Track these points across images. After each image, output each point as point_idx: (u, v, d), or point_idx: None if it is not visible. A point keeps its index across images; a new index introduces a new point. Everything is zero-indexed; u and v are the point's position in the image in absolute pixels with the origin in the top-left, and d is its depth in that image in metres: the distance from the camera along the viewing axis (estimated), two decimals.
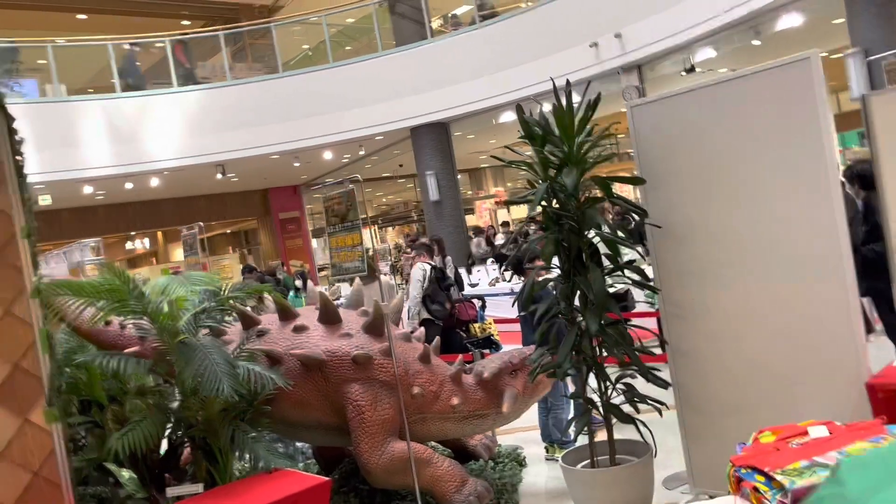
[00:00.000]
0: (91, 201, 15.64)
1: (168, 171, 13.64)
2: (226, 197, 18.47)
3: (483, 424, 4.45)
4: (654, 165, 3.83)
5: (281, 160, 14.65)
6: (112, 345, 4.16)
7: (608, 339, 3.70)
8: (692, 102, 3.69)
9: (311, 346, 4.22)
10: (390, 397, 4.14)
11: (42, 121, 12.18)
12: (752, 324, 3.57)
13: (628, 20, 10.50)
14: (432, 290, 6.95)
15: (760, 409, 3.55)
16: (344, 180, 4.24)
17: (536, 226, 4.11)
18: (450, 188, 13.59)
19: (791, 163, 3.38)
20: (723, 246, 3.63)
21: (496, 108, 12.53)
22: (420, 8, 13.41)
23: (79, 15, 16.92)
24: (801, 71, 3.31)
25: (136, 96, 13.40)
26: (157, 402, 3.84)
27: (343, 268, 4.18)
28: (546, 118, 3.80)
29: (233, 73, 14.22)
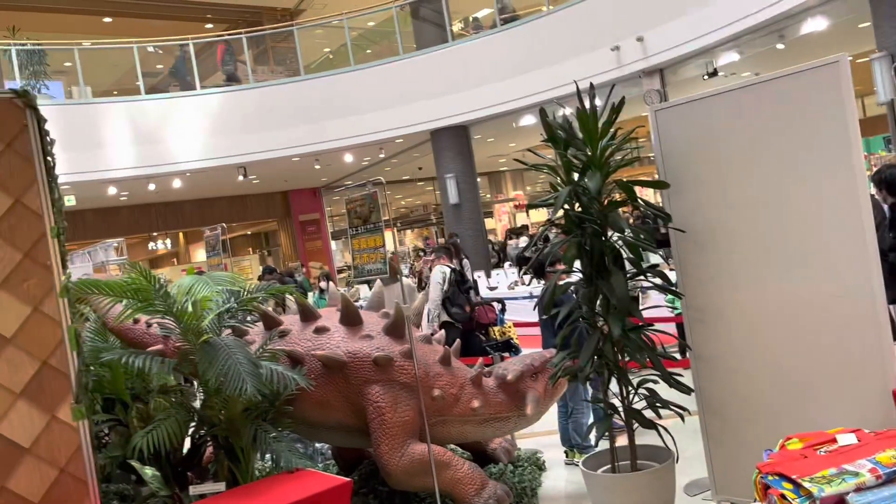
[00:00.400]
0: (115, 202, 15.84)
1: (190, 172, 13.78)
2: (247, 199, 18.63)
3: (503, 428, 4.44)
4: (677, 169, 3.81)
5: (301, 162, 14.75)
6: (139, 342, 4.21)
7: (630, 343, 3.68)
8: (716, 106, 3.66)
9: (332, 347, 4.24)
10: (411, 399, 4.15)
11: (68, 122, 12.35)
12: (776, 329, 3.53)
13: (651, 24, 10.46)
14: (452, 292, 6.95)
15: (784, 416, 3.52)
16: (367, 182, 4.26)
17: (557, 229, 4.10)
18: (469, 191, 13.60)
19: (817, 167, 3.35)
20: (747, 251, 3.60)
21: (516, 111, 12.52)
22: (441, 11, 13.45)
23: (105, 18, 17.16)
24: (830, 75, 3.28)
25: (160, 98, 13.57)
26: (181, 401, 3.88)
27: (365, 269, 4.19)
28: (569, 121, 3.80)
29: (255, 75, 14.34)
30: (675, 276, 3.95)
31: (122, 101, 13.21)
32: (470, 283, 7.38)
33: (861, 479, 1.98)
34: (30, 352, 3.05)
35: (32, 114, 3.12)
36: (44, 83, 12.76)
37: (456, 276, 7.09)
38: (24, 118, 3.10)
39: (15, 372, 3.02)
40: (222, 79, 14.72)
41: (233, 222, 19.12)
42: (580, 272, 3.83)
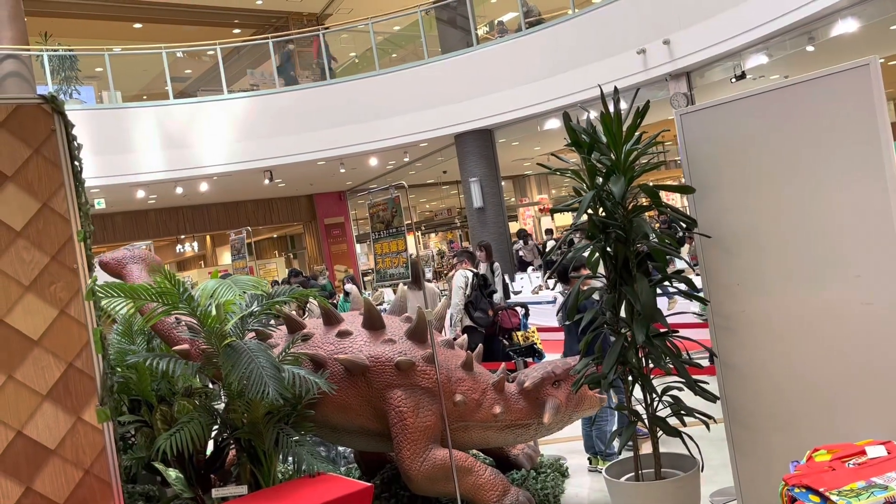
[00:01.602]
0: (143, 205, 16.06)
1: (217, 176, 13.93)
2: (273, 202, 18.79)
3: (525, 434, 4.41)
4: (703, 174, 3.76)
5: (327, 166, 14.84)
6: (166, 336, 4.27)
7: (654, 350, 3.64)
8: (744, 110, 3.61)
9: (354, 351, 4.25)
10: (432, 404, 4.14)
11: (98, 126, 12.57)
12: (804, 337, 3.47)
13: (677, 26, 10.36)
14: (475, 297, 6.92)
15: (811, 426, 3.45)
16: (389, 186, 4.26)
17: (581, 234, 4.06)
18: (493, 195, 13.57)
19: (847, 172, 3.28)
20: (774, 257, 3.54)
21: (541, 115, 12.47)
22: (466, 15, 13.46)
23: (135, 24, 17.43)
24: (860, 77, 3.21)
25: (188, 103, 13.74)
26: (204, 404, 3.90)
27: (387, 274, 4.19)
28: (593, 125, 3.77)
29: (281, 80, 14.46)
30: (700, 282, 3.89)
31: (151, 105, 13.39)
32: (494, 287, 7.35)
33: (891, 492, 1.92)
34: (56, 354, 3.09)
35: (60, 119, 3.17)
36: (75, 88, 12.99)
37: (479, 281, 7.07)
38: (52, 123, 3.15)
39: (41, 374, 3.06)
40: (310, 77, 14.76)
41: (259, 225, 19.30)
42: (604, 277, 3.79)
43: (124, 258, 4.49)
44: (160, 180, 13.35)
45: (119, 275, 4.45)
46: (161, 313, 3.65)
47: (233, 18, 18.41)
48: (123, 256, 4.50)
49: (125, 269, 4.43)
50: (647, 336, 3.56)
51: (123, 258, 4.49)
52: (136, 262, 4.47)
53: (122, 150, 12.72)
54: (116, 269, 4.46)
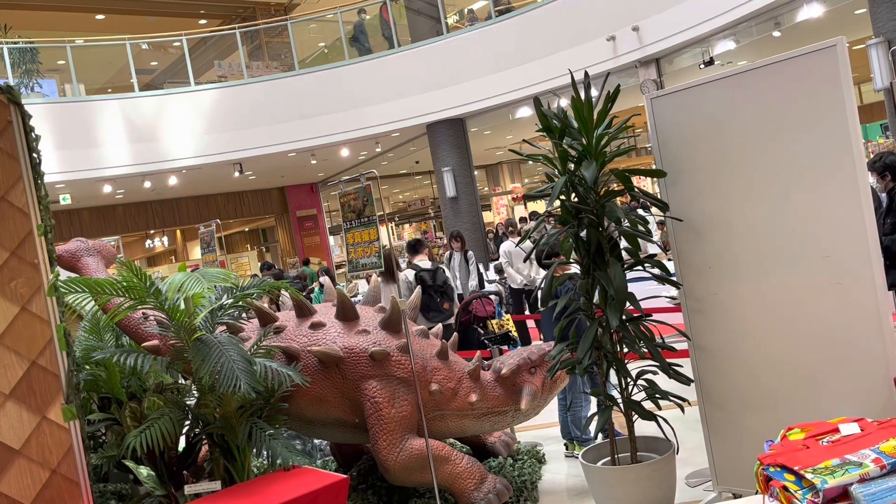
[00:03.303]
0: (111, 200, 15.78)
1: (186, 169, 13.72)
2: (243, 195, 18.57)
3: (502, 421, 4.41)
4: (674, 158, 3.76)
5: (298, 158, 14.69)
6: (133, 333, 4.17)
7: (628, 334, 3.64)
8: (713, 93, 3.61)
9: (328, 342, 4.20)
10: (408, 394, 4.11)
11: (61, 120, 12.29)
12: (776, 319, 3.49)
13: (646, 13, 10.39)
14: (421, 301, 6.44)
15: (784, 406, 3.48)
16: (360, 176, 4.21)
17: (554, 220, 4.05)
18: (466, 184, 13.54)
19: (816, 154, 3.30)
20: (745, 240, 3.56)
21: (512, 103, 12.45)
22: (435, 4, 13.37)
23: (97, 15, 17.06)
24: (827, 59, 3.23)
25: (154, 95, 13.49)
26: (175, 400, 3.83)
27: (359, 263, 4.15)
28: (564, 112, 3.75)
29: (249, 71, 14.26)
30: (672, 266, 3.90)
31: (116, 98, 13.13)
32: (444, 277, 7.00)
33: (865, 469, 1.94)
34: (18, 352, 3.01)
35: (17, 110, 3.07)
36: (37, 81, 12.69)
37: (422, 280, 6.69)
38: (8, 114, 3.04)
39: (3, 373, 2.98)
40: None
41: (230, 219, 19.08)
42: (577, 263, 3.79)
43: (78, 250, 4.35)
44: (127, 174, 13.12)
45: (74, 268, 4.32)
46: (127, 309, 3.56)
47: (199, 9, 18.09)
48: (77, 248, 4.37)
49: (80, 261, 4.31)
50: (621, 321, 3.57)
51: (77, 250, 4.36)
52: (91, 255, 4.35)
53: (87, 144, 12.46)
54: (70, 263, 4.33)
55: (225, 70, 14.66)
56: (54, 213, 14.62)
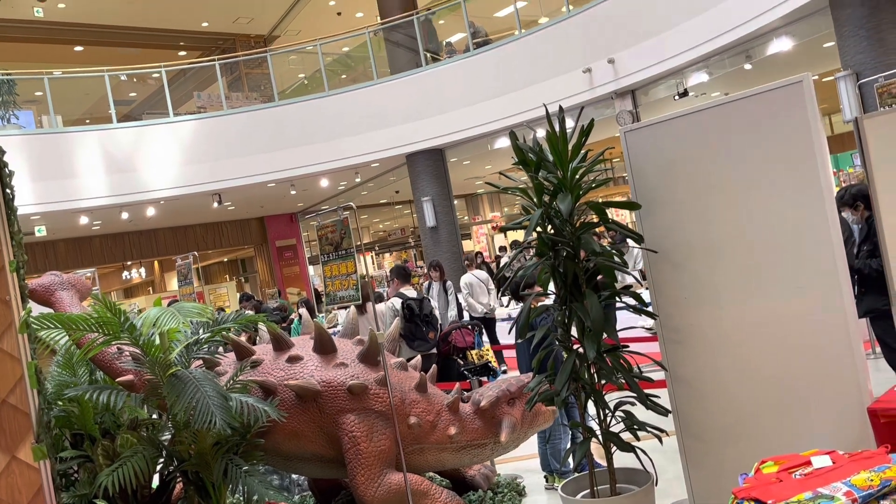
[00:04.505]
0: (87, 231, 15.62)
1: (164, 200, 13.64)
2: (222, 225, 18.47)
3: (481, 454, 4.38)
4: (649, 190, 3.82)
5: (277, 188, 14.67)
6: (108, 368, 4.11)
7: (606, 365, 3.65)
8: (685, 127, 3.68)
9: (305, 376, 4.16)
10: (386, 428, 4.08)
11: (38, 152, 12.20)
12: (752, 349, 3.53)
13: (621, 46, 10.59)
14: (407, 329, 6.51)
15: (762, 436, 3.50)
16: (338, 208, 4.22)
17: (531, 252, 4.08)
18: (446, 213, 13.59)
19: (786, 186, 3.37)
20: (720, 270, 3.60)
21: (491, 133, 12.57)
22: (414, 36, 13.52)
23: (76, 47, 17.05)
24: (794, 94, 3.32)
25: (132, 126, 13.45)
26: (149, 437, 3.77)
27: (337, 296, 4.14)
28: (540, 144, 3.80)
29: (229, 102, 14.29)
30: (648, 297, 3.94)
31: (94, 129, 13.06)
32: (430, 307, 7.06)
33: (837, 502, 1.95)
34: None
35: None
36: (13, 113, 12.57)
37: (409, 309, 6.70)
38: None
39: None
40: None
41: (208, 249, 18.95)
42: (555, 294, 3.80)
43: (52, 284, 4.30)
44: (104, 206, 13.00)
45: (47, 302, 4.26)
46: (101, 344, 3.52)
47: (178, 41, 18.17)
48: (51, 283, 4.31)
49: (54, 296, 4.25)
50: (599, 352, 3.58)
51: (51, 284, 4.30)
52: (65, 289, 4.29)
53: (64, 175, 12.36)
54: (44, 297, 4.27)
55: (204, 101, 14.68)
56: (29, 244, 14.47)
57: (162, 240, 17.51)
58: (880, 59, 8.06)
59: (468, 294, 9.67)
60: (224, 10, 17.08)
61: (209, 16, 17.27)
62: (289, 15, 18.11)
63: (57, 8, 15.09)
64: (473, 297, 9.63)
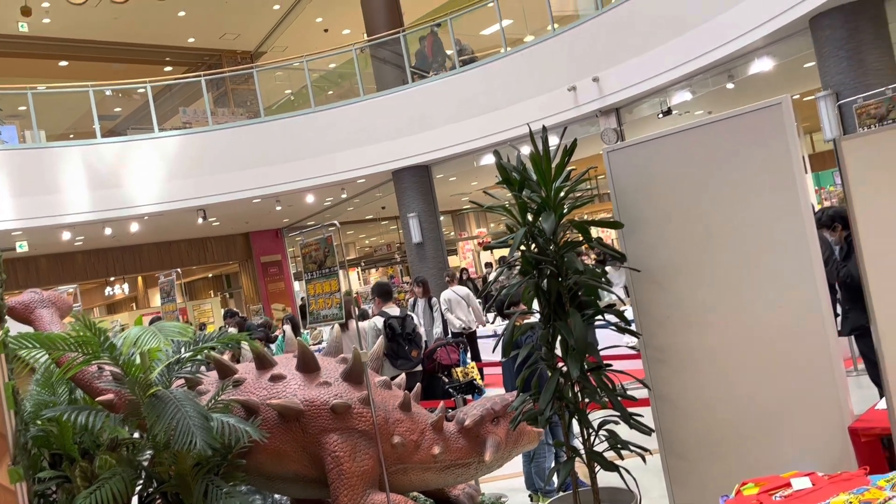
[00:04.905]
0: (69, 247, 15.49)
1: (149, 216, 13.56)
2: (207, 241, 18.38)
3: (465, 474, 4.35)
4: (632, 209, 3.84)
5: (262, 204, 14.63)
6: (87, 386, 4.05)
7: (589, 384, 3.65)
8: (667, 147, 3.72)
9: (288, 395, 4.13)
10: (370, 447, 4.04)
11: (21, 167, 12.12)
12: (734, 368, 3.54)
13: (605, 64, 10.69)
14: (390, 348, 6.48)
15: (745, 454, 3.51)
16: (322, 225, 4.21)
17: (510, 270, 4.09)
18: (432, 230, 13.61)
19: (766, 206, 3.40)
20: (702, 289, 3.62)
21: (477, 150, 12.63)
22: (400, 53, 13.59)
23: (60, 62, 16.99)
24: (774, 115, 3.36)
25: (117, 142, 13.39)
26: (128, 458, 3.72)
27: (320, 315, 4.12)
28: (524, 163, 3.82)
29: (214, 117, 14.27)
30: (632, 315, 3.95)
31: (77, 144, 12.98)
32: (413, 324, 7.00)
33: None
34: None
35: None
36: None
37: (390, 328, 6.63)
38: None
39: None
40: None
41: (193, 265, 18.84)
42: (538, 313, 3.81)
43: (32, 302, 4.24)
44: (87, 221, 12.91)
45: (27, 320, 4.20)
46: (80, 364, 3.47)
47: (164, 56, 18.15)
48: (31, 300, 4.26)
49: (34, 313, 4.19)
50: (582, 370, 3.58)
51: (31, 302, 4.24)
52: (45, 307, 4.23)
53: (47, 190, 12.26)
54: (24, 315, 4.22)
55: (190, 116, 14.65)
56: (9, 260, 14.32)
57: (146, 255, 17.39)
58: (859, 79, 8.19)
59: (447, 309, 9.79)
60: (210, 26, 17.09)
61: (195, 32, 17.28)
62: (275, 31, 18.16)
63: (42, 23, 15.05)
64: (452, 313, 9.75)
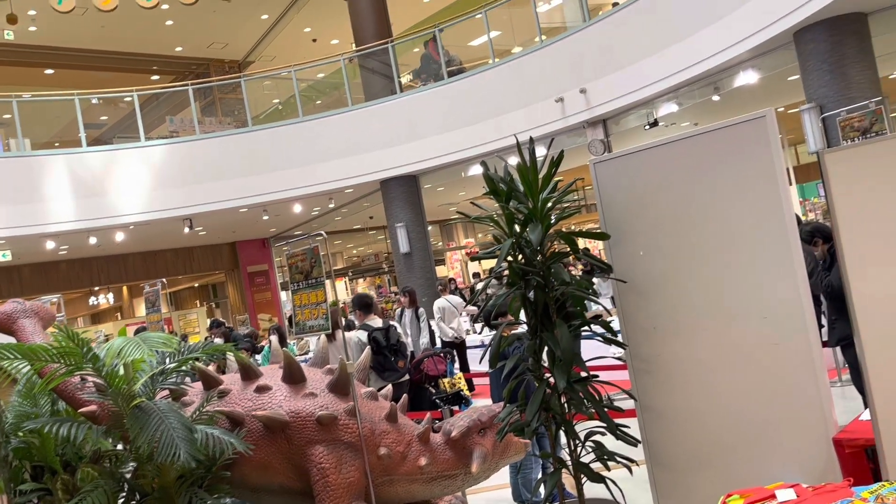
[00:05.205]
0: (54, 256, 15.36)
1: (134, 225, 13.47)
2: (193, 250, 18.27)
3: (452, 485, 4.33)
4: (618, 220, 3.85)
5: (249, 213, 14.58)
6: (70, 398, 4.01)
7: (576, 395, 3.65)
8: (653, 159, 3.74)
9: (273, 406, 4.10)
10: (356, 459, 4.02)
11: (5, 175, 12.03)
12: (719, 379, 3.55)
13: (592, 76, 10.76)
14: (375, 361, 6.36)
15: (731, 465, 3.51)
16: (309, 235, 4.19)
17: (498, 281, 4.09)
18: (420, 240, 13.60)
19: (750, 218, 3.42)
20: (688, 301, 3.64)
21: (465, 161, 12.65)
22: (389, 63, 13.62)
23: (46, 70, 16.90)
24: (758, 128, 3.39)
25: (102, 150, 13.31)
26: (111, 470, 3.67)
27: (306, 325, 4.10)
28: (511, 173, 3.83)
29: (202, 126, 14.22)
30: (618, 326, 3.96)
31: (62, 153, 12.89)
32: (397, 335, 6.94)
33: None
34: None
35: None
36: None
37: (374, 341, 6.53)
38: None
39: None
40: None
41: (179, 275, 18.72)
42: (525, 324, 3.81)
43: (14, 312, 4.20)
44: (72, 230, 12.80)
45: (9, 331, 4.16)
46: (63, 375, 3.43)
47: (151, 65, 18.09)
48: (13, 310, 4.21)
49: (16, 324, 4.15)
50: (569, 381, 3.58)
51: (13, 312, 4.20)
52: (28, 317, 4.19)
53: (31, 199, 12.16)
54: (6, 325, 4.17)
55: (177, 125, 14.61)
56: None
57: (131, 265, 17.26)
58: (843, 92, 8.28)
59: (440, 318, 9.77)
60: (198, 35, 17.06)
61: (183, 41, 17.25)
62: (264, 41, 18.16)
63: (28, 31, 14.97)
64: (445, 322, 9.75)
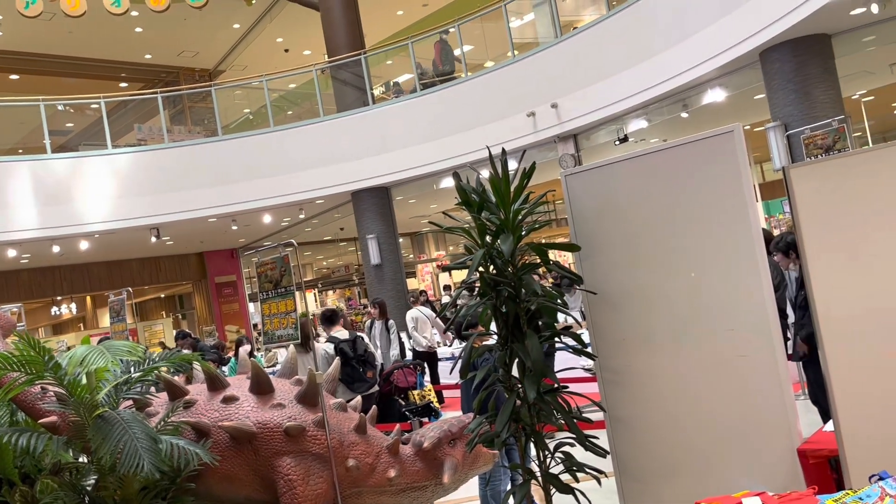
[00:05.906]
0: (15, 265, 15.00)
1: (99, 233, 13.23)
2: (160, 260, 18.00)
3: (421, 497, 4.30)
4: (589, 233, 3.88)
5: (218, 223, 14.42)
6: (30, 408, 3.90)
7: (546, 406, 3.66)
8: (624, 171, 3.78)
9: (240, 417, 4.04)
10: (324, 471, 3.97)
11: None
12: (687, 390, 3.59)
13: (564, 91, 10.88)
14: (344, 373, 6.34)
15: (698, 476, 3.54)
16: (279, 245, 4.16)
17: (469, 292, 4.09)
18: (391, 252, 13.57)
19: (718, 231, 3.48)
20: (656, 313, 3.67)
21: (437, 173, 12.67)
22: (362, 75, 13.62)
23: (11, 75, 16.59)
24: (726, 142, 3.44)
25: (68, 157, 13.06)
26: (71, 482, 3.58)
27: (275, 335, 4.05)
28: (483, 185, 3.84)
29: (171, 135, 14.05)
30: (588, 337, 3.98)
31: (26, 159, 12.64)
32: (365, 346, 6.88)
33: None
34: None
35: None
36: None
37: (342, 353, 6.51)
38: None
39: None
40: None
41: (144, 285, 18.41)
42: (496, 335, 3.81)
43: None
44: (34, 238, 12.52)
45: None
46: (23, 384, 3.35)
47: (119, 72, 17.87)
48: None
49: None
50: (539, 392, 3.58)
51: None
52: None
53: None
54: None
55: (145, 133, 14.42)
56: None
57: (95, 274, 16.94)
58: (807, 111, 8.48)
59: (414, 328, 9.77)
60: (168, 43, 16.91)
61: (153, 48, 17.07)
62: (235, 50, 18.06)
63: None
64: (419, 332, 9.75)
